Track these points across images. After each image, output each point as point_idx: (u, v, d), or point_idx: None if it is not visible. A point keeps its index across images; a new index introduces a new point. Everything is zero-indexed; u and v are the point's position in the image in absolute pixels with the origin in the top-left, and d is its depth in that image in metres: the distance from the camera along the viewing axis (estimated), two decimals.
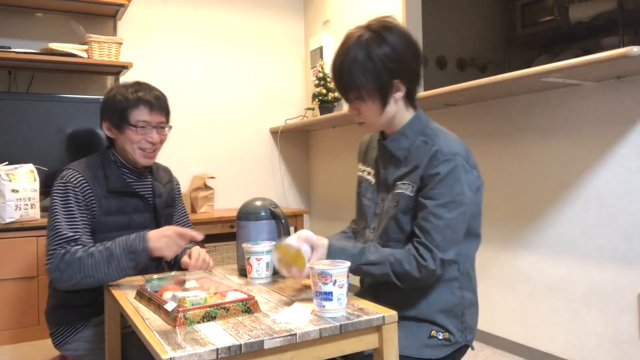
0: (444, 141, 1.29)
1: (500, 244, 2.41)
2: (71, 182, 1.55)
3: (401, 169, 1.34)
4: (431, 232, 1.23)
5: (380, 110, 1.31)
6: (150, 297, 1.20)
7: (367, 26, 1.33)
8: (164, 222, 1.75)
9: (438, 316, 1.31)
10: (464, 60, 4.62)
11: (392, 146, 1.36)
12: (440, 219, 1.23)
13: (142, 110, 1.61)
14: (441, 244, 1.22)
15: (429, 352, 1.28)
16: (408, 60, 1.30)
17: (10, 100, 2.88)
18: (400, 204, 1.31)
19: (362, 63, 1.26)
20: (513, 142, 2.34)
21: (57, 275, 1.44)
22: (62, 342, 1.64)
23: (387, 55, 1.26)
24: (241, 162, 3.81)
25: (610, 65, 1.70)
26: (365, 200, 1.46)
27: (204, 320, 1.06)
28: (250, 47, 3.84)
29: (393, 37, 1.28)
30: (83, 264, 1.42)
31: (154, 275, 1.42)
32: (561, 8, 4.04)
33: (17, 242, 2.59)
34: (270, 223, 1.53)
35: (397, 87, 1.30)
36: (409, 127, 1.35)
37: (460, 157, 1.26)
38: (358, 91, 1.29)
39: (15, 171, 2.62)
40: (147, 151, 1.64)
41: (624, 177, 1.93)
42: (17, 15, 3.08)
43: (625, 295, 1.92)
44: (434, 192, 1.24)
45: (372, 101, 1.30)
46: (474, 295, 1.38)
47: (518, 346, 2.32)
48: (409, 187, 1.30)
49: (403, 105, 1.34)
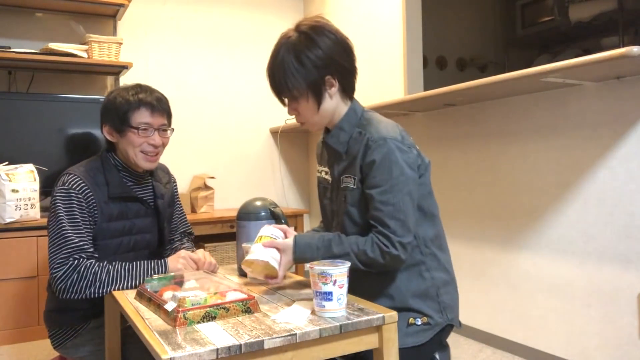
0: (374, 128, 1.31)
1: (500, 244, 2.41)
2: (74, 188, 1.51)
3: (342, 163, 1.37)
4: (384, 220, 1.25)
5: (316, 108, 1.33)
6: (150, 297, 1.20)
7: (296, 27, 1.34)
8: (166, 224, 1.75)
9: (412, 301, 1.32)
10: (464, 60, 4.62)
11: (332, 142, 1.38)
12: (389, 205, 1.25)
13: (144, 112, 1.58)
14: (397, 229, 1.24)
15: (411, 340, 1.29)
16: (338, 57, 1.31)
17: (10, 100, 2.88)
18: (348, 199, 1.34)
19: (290, 64, 1.28)
20: (513, 142, 2.34)
21: (66, 285, 1.41)
22: (62, 344, 1.63)
23: (316, 54, 1.28)
24: (241, 162, 3.81)
25: (610, 65, 1.70)
26: (326, 200, 1.48)
27: (204, 320, 1.06)
28: (251, 47, 3.85)
29: (320, 37, 1.30)
30: (99, 279, 1.42)
31: (154, 275, 1.42)
32: (561, 8, 4.04)
33: (17, 242, 2.59)
34: (271, 223, 1.53)
35: (329, 82, 1.32)
36: (345, 120, 1.37)
37: (392, 140, 1.28)
38: (290, 92, 1.31)
39: (15, 171, 2.63)
40: (149, 154, 1.60)
41: (624, 177, 1.93)
42: (17, 15, 3.08)
43: (625, 295, 1.92)
44: (375, 180, 1.27)
45: (306, 100, 1.32)
46: (447, 274, 1.38)
47: (518, 346, 2.32)
48: (352, 180, 1.33)
49: (340, 99, 1.36)
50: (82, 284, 1.41)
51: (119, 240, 1.59)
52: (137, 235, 1.64)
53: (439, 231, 1.40)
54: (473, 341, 2.47)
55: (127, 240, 1.61)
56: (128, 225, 1.62)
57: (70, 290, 1.41)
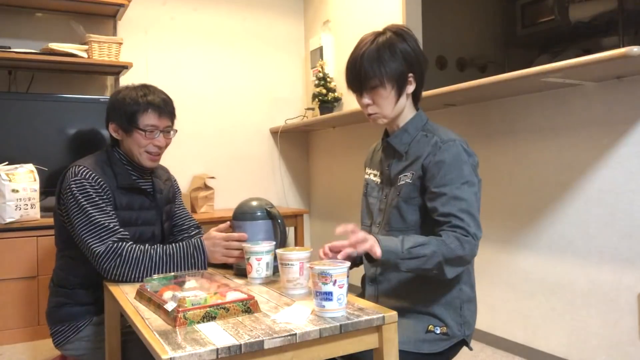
0: (443, 132, 1.38)
1: (500, 244, 2.41)
2: (86, 178, 1.56)
3: (402, 163, 1.41)
4: (458, 214, 1.25)
5: (395, 100, 1.38)
6: (150, 297, 1.20)
7: (383, 31, 1.41)
8: (165, 217, 1.79)
9: (437, 308, 1.33)
10: (464, 60, 4.62)
11: (394, 142, 1.43)
12: (462, 200, 1.27)
13: (151, 115, 1.63)
14: (471, 223, 1.25)
15: (426, 347, 1.29)
16: (421, 60, 1.40)
17: (10, 100, 2.88)
18: (402, 193, 1.36)
19: (385, 53, 1.35)
20: (513, 142, 2.34)
21: (110, 266, 1.45)
22: (63, 342, 1.64)
23: (407, 50, 1.37)
24: (241, 162, 3.81)
25: (610, 65, 1.70)
26: (372, 199, 1.51)
27: (204, 320, 1.06)
28: (250, 47, 3.85)
29: (410, 38, 1.39)
30: (141, 264, 1.46)
31: (154, 275, 1.42)
32: (561, 8, 4.04)
33: (17, 242, 2.59)
34: (267, 223, 1.54)
35: (410, 81, 1.39)
36: (411, 124, 1.43)
37: (461, 141, 1.34)
38: (378, 78, 1.35)
39: (15, 171, 2.63)
40: (153, 154, 1.67)
41: (624, 177, 1.93)
42: (17, 15, 3.08)
43: (625, 295, 1.92)
44: (446, 179, 1.29)
45: (390, 89, 1.36)
46: (472, 291, 1.40)
47: (518, 346, 2.32)
48: (410, 176, 1.36)
49: (409, 102, 1.44)
50: (125, 268, 1.45)
51: (126, 230, 1.62)
52: (142, 227, 1.69)
53: None
54: (473, 341, 2.47)
55: (133, 230, 1.64)
56: (134, 216, 1.67)
57: (115, 273, 1.45)
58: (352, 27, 3.40)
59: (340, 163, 3.67)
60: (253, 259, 1.42)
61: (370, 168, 1.58)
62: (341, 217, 3.56)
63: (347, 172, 3.55)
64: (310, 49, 3.76)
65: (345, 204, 3.54)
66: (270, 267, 1.44)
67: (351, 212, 3.36)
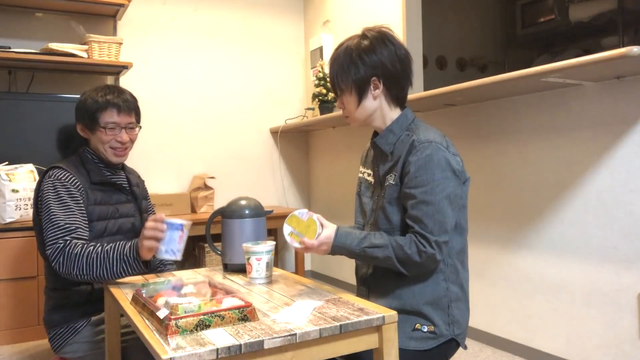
0: (422, 132, 1.38)
1: (500, 244, 2.41)
2: (59, 178, 1.64)
3: (388, 164, 1.42)
4: (423, 220, 1.29)
5: (357, 103, 1.42)
6: (144, 303, 1.16)
7: (361, 33, 1.44)
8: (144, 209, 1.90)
9: (424, 308, 1.34)
10: (464, 60, 4.62)
11: (380, 142, 1.45)
12: (429, 205, 1.29)
13: (111, 113, 1.73)
14: (434, 229, 1.28)
15: (413, 344, 1.31)
16: (390, 64, 1.40)
17: (10, 100, 2.88)
18: (386, 194, 1.39)
19: (344, 61, 1.41)
20: (513, 142, 2.34)
21: (58, 264, 1.50)
22: (61, 345, 1.64)
23: (368, 56, 1.39)
24: (241, 162, 3.81)
25: (610, 65, 1.70)
26: (365, 198, 1.53)
27: (197, 329, 1.01)
28: (250, 47, 3.85)
29: (378, 43, 1.40)
30: (79, 262, 1.47)
31: (152, 278, 1.41)
32: (561, 8, 4.04)
33: (17, 242, 2.59)
34: (261, 220, 1.56)
35: (374, 84, 1.40)
36: (396, 123, 1.44)
37: (437, 143, 1.33)
38: (339, 86, 1.43)
39: (15, 171, 2.63)
40: (117, 150, 1.76)
41: (624, 177, 1.93)
42: (17, 15, 3.08)
43: (625, 295, 1.92)
44: (417, 180, 1.31)
45: (350, 94, 1.42)
46: (462, 291, 1.40)
47: (518, 346, 2.32)
48: (393, 177, 1.38)
49: (386, 103, 1.44)
50: (67, 264, 1.48)
51: (105, 223, 1.70)
52: (120, 219, 1.77)
53: (464, 246, 1.42)
54: (473, 341, 2.47)
55: (112, 223, 1.72)
56: (112, 210, 1.74)
57: (61, 271, 1.50)
58: (352, 27, 3.40)
59: (340, 163, 3.67)
60: (253, 259, 1.42)
61: (365, 167, 1.59)
62: (341, 217, 3.56)
63: (347, 172, 3.55)
64: (310, 49, 3.76)
65: (345, 204, 3.54)
66: (271, 267, 1.44)
67: (351, 211, 3.35)
